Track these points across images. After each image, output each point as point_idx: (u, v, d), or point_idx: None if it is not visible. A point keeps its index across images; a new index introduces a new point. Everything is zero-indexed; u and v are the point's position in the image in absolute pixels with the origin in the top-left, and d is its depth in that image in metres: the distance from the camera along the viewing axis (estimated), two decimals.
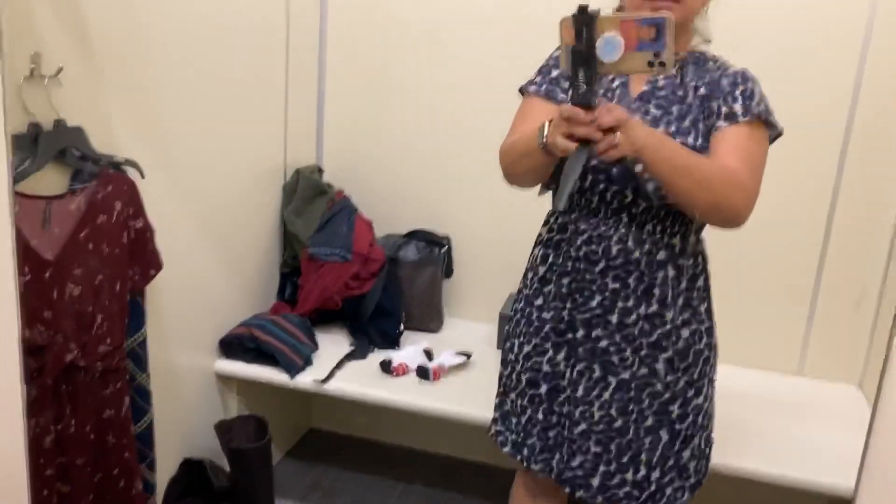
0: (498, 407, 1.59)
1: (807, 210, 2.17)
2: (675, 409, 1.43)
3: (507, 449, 1.56)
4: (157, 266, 1.66)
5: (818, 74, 2.09)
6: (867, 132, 2.09)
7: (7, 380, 1.10)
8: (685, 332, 1.42)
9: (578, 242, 1.42)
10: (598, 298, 1.41)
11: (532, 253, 1.54)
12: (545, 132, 1.25)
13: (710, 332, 1.48)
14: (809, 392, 2.19)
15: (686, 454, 1.46)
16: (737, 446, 1.83)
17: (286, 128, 2.32)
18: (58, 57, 1.42)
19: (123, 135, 1.63)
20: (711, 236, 1.49)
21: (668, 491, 1.45)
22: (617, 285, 1.40)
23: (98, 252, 1.51)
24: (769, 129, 1.39)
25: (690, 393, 1.44)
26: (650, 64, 1.13)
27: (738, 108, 1.35)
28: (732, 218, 1.34)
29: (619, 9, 1.41)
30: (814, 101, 2.10)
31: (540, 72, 1.49)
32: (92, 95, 1.55)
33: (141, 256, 1.62)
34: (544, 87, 1.46)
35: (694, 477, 1.48)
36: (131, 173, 1.59)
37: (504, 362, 1.57)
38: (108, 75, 1.57)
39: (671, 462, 1.45)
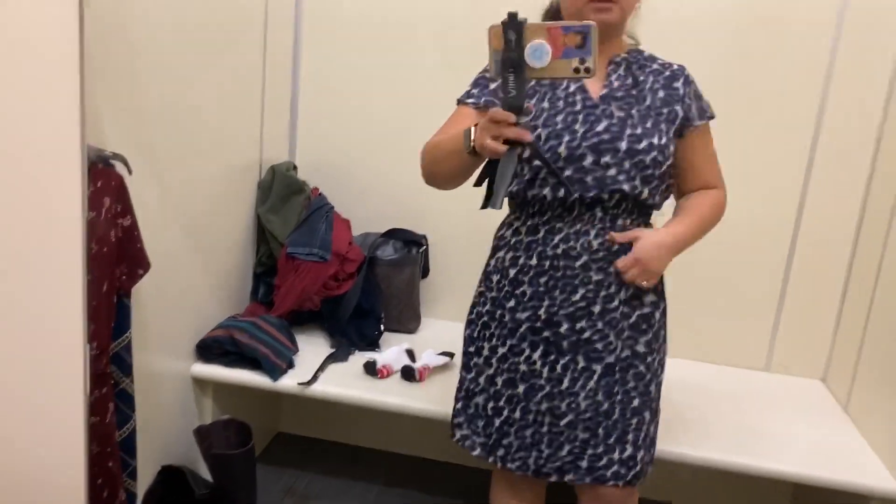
0: (461, 412, 1.59)
1: (775, 210, 2.25)
2: (652, 388, 1.51)
3: (477, 452, 1.57)
4: (146, 265, 1.59)
5: (787, 76, 2.17)
6: (834, 134, 2.18)
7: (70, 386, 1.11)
8: (657, 314, 1.51)
9: (555, 241, 1.46)
10: (581, 291, 1.45)
11: (495, 256, 1.56)
12: (472, 135, 1.28)
13: (665, 311, 1.57)
14: (776, 387, 2.27)
15: (653, 428, 1.54)
16: (707, 438, 1.89)
17: (262, 124, 2.26)
18: None
19: (110, 128, 1.56)
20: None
21: (648, 469, 1.53)
22: (600, 276, 1.45)
23: (87, 251, 1.43)
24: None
25: (660, 371, 1.54)
26: (576, 70, 1.18)
27: (695, 110, 1.49)
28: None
29: (548, 12, 1.52)
30: (783, 103, 2.19)
31: (477, 84, 1.53)
32: (86, 89, 1.47)
33: (129, 255, 1.55)
34: (483, 99, 1.49)
35: (654, 447, 1.56)
36: (119, 168, 1.52)
37: (467, 367, 1.58)
38: (95, 70, 1.49)
39: (648, 440, 1.52)
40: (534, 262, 1.48)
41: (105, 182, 1.46)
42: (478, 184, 1.41)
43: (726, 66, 2.17)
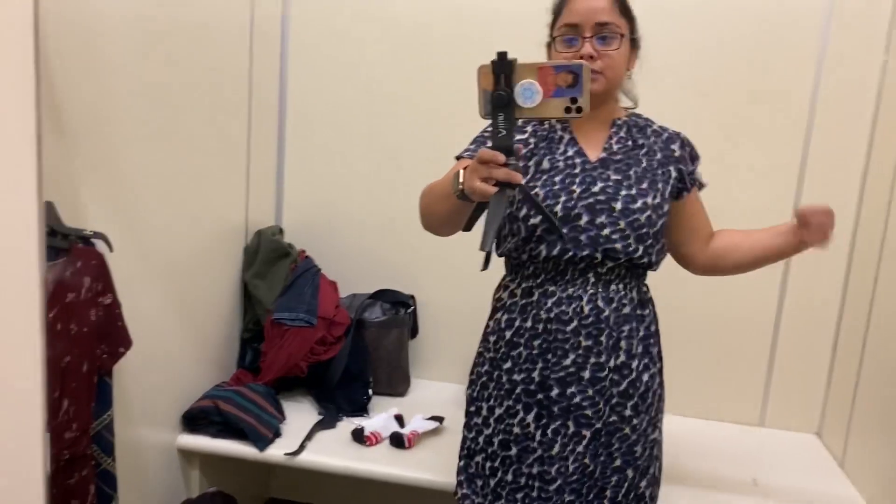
0: (462, 470, 1.59)
1: (764, 268, 2.24)
2: (638, 448, 1.50)
3: None
4: (127, 343, 1.58)
5: (770, 131, 2.20)
6: (817, 190, 2.20)
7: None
8: (645, 377, 1.49)
9: (549, 304, 1.46)
10: (571, 356, 1.45)
11: (493, 318, 1.56)
12: (461, 178, 1.27)
13: (661, 371, 1.56)
14: (771, 442, 2.25)
15: (643, 484, 1.52)
16: (705, 498, 1.86)
17: (248, 188, 2.26)
18: None
19: (91, 207, 1.56)
20: (674, 296, 1.68)
21: None
22: (589, 342, 1.44)
23: (66, 332, 1.42)
24: None
25: (650, 430, 1.52)
26: (567, 110, 1.17)
27: (696, 174, 1.56)
28: None
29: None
30: (767, 158, 2.21)
31: (475, 141, 1.54)
32: (61, 169, 1.47)
33: (109, 334, 1.53)
34: None
35: (650, 502, 1.55)
36: (99, 247, 1.52)
37: (468, 426, 1.58)
38: (75, 147, 1.50)
39: (632, 494, 1.51)
40: (529, 324, 1.48)
41: (85, 262, 1.46)
42: (467, 228, 1.42)
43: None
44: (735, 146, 2.21)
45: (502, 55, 1.15)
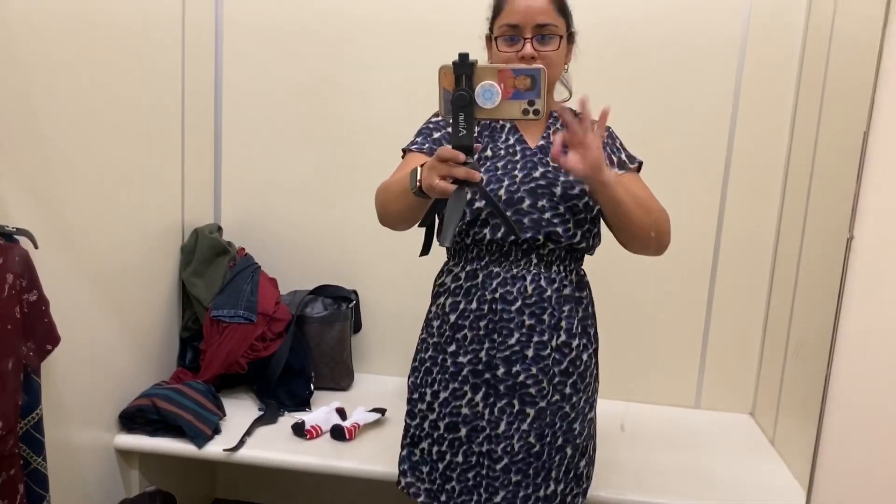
0: (405, 459, 1.61)
1: (693, 249, 2.32)
2: (577, 426, 1.54)
3: (421, 499, 1.58)
4: (54, 340, 1.56)
5: (699, 103, 2.27)
6: (744, 170, 2.27)
7: None
8: (584, 356, 1.54)
9: (493, 285, 1.49)
10: (516, 335, 1.48)
11: (435, 303, 1.59)
12: (418, 176, 1.29)
13: (597, 352, 1.61)
14: (707, 423, 2.31)
15: (582, 463, 1.57)
16: (640, 479, 1.91)
17: (183, 187, 2.25)
18: None
19: (14, 203, 1.54)
20: (610, 285, 1.72)
21: (569, 499, 1.56)
22: (532, 321, 1.48)
23: None
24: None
25: (587, 409, 1.57)
26: (524, 112, 1.21)
27: (623, 157, 1.58)
28: (667, 241, 1.52)
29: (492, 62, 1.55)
30: (694, 139, 2.27)
31: (420, 133, 1.57)
32: None
33: (36, 331, 1.51)
34: (427, 145, 1.54)
35: (586, 482, 1.59)
36: (24, 243, 1.50)
37: (411, 414, 1.60)
38: None
39: (571, 473, 1.55)
40: (473, 306, 1.51)
41: (7, 258, 1.44)
42: (422, 224, 1.46)
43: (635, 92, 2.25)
44: (659, 145, 2.27)
45: (464, 56, 1.18)
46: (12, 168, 1.54)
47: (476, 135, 1.48)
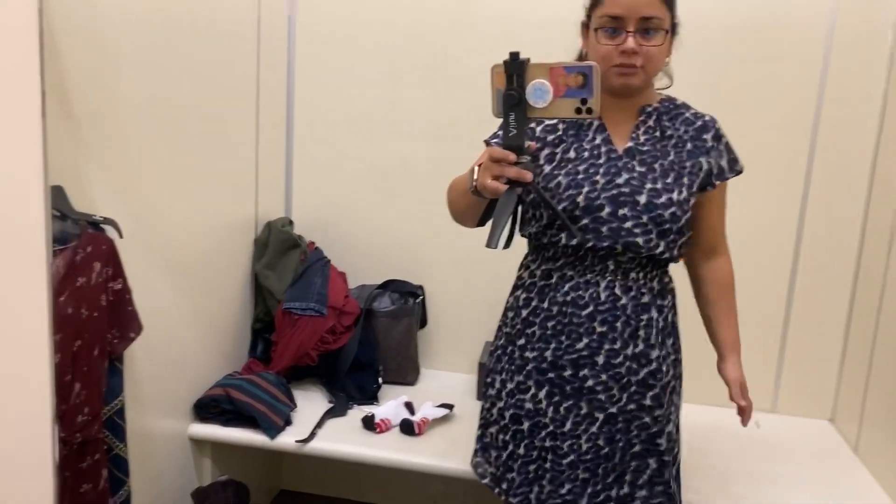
0: (479, 439, 1.61)
1: (773, 244, 2.24)
2: (662, 441, 1.49)
3: (486, 481, 1.58)
4: (137, 328, 1.59)
5: (778, 116, 2.18)
6: (827, 176, 2.18)
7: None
8: (664, 367, 1.49)
9: (566, 288, 1.46)
10: (585, 340, 1.44)
11: (513, 294, 1.56)
12: (475, 175, 1.27)
13: (680, 362, 1.56)
14: (784, 428, 2.23)
15: (674, 483, 1.53)
16: (718, 484, 1.87)
17: (257, 180, 2.28)
18: None
19: (100, 193, 1.57)
20: (685, 283, 1.63)
21: None
22: (604, 328, 1.44)
23: (77, 316, 1.44)
24: None
25: (669, 424, 1.51)
26: (578, 110, 1.17)
27: (724, 164, 1.49)
28: None
29: (579, 58, 1.49)
30: (775, 145, 2.19)
31: (502, 126, 1.52)
32: (71, 154, 1.49)
33: (120, 319, 1.55)
34: (493, 140, 1.51)
35: (676, 494, 1.54)
36: (109, 232, 1.53)
37: (485, 396, 1.59)
38: (85, 134, 1.52)
39: (661, 488, 1.50)
40: (545, 305, 1.48)
41: (95, 247, 1.47)
42: (480, 223, 1.43)
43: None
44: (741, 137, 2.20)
45: (514, 55, 1.15)
46: (99, 160, 1.57)
47: (529, 134, 1.42)
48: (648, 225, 1.40)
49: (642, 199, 1.40)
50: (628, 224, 1.40)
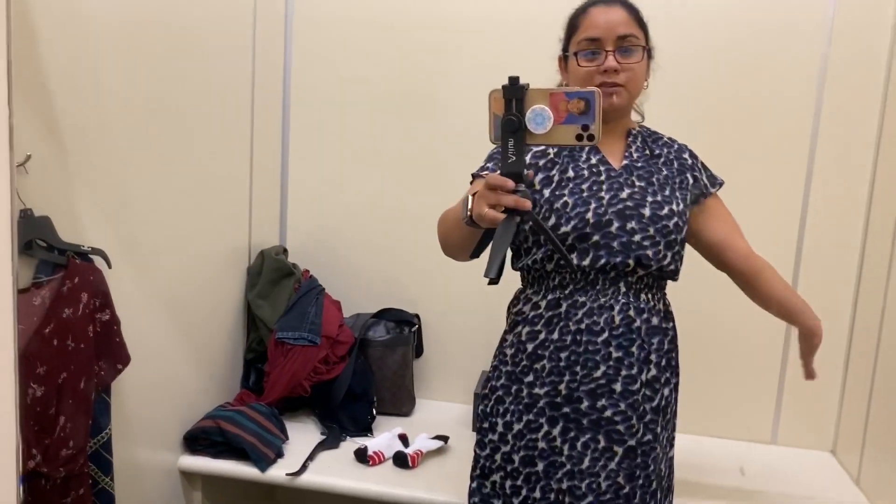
0: (476, 491, 1.54)
1: None
2: (663, 467, 1.49)
3: None
4: (125, 360, 1.57)
5: (772, 146, 2.17)
6: (824, 204, 2.17)
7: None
8: (666, 391, 1.48)
9: (579, 315, 1.43)
10: (602, 368, 1.42)
11: (513, 332, 1.52)
12: (469, 204, 1.25)
13: (678, 386, 1.55)
14: (785, 460, 2.19)
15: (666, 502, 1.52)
16: None
17: (251, 208, 2.27)
18: (23, 145, 1.35)
19: (89, 223, 1.56)
20: (683, 313, 1.62)
21: None
22: (620, 353, 1.42)
23: (63, 348, 1.42)
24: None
25: (670, 448, 1.52)
26: (579, 137, 1.15)
27: (705, 180, 1.58)
28: None
29: (559, 85, 1.52)
30: (774, 153, 2.18)
31: (491, 158, 1.53)
32: (59, 184, 1.48)
33: (108, 350, 1.53)
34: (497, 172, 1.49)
35: None
36: (98, 262, 1.52)
37: (481, 444, 1.53)
38: (73, 162, 1.51)
39: None
40: (555, 336, 1.45)
41: (82, 277, 1.45)
42: (474, 255, 1.40)
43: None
44: (738, 159, 2.19)
45: (514, 80, 1.13)
46: (86, 189, 1.56)
47: (527, 161, 1.44)
48: (656, 237, 1.43)
49: (646, 211, 1.43)
50: (637, 237, 1.42)
